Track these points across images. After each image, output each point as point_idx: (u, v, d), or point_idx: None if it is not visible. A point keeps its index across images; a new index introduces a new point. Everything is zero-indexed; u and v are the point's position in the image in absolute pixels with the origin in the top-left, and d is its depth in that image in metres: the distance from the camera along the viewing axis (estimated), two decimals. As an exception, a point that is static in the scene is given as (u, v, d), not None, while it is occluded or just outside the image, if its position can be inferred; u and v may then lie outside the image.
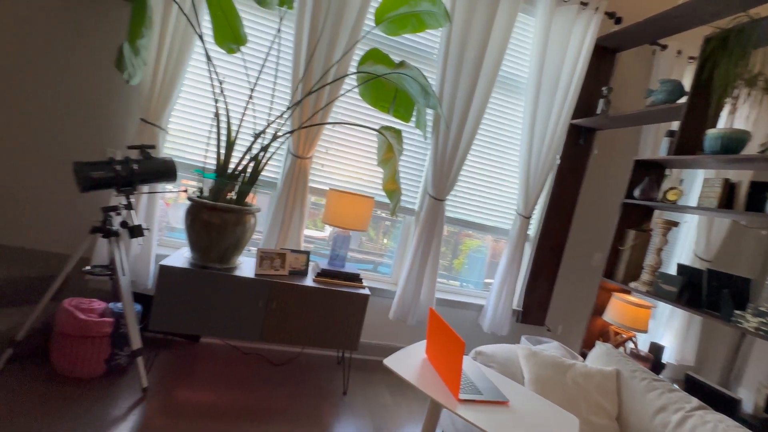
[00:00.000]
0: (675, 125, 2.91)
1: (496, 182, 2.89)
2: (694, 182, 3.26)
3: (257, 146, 2.43)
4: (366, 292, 2.20)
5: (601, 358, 1.92)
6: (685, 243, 3.29)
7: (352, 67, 2.45)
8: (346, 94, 2.52)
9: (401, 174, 2.70)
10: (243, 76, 2.38)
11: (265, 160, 2.14)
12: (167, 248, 2.44)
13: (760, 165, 1.81)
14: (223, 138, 2.39)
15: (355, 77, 2.47)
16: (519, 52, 2.78)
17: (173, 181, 1.98)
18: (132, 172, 1.81)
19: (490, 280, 3.12)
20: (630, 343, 2.54)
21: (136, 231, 1.86)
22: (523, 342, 2.71)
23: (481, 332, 2.96)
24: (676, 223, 2.17)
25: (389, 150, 2.31)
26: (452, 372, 1.27)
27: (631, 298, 2.38)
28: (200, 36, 2.01)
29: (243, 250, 2.13)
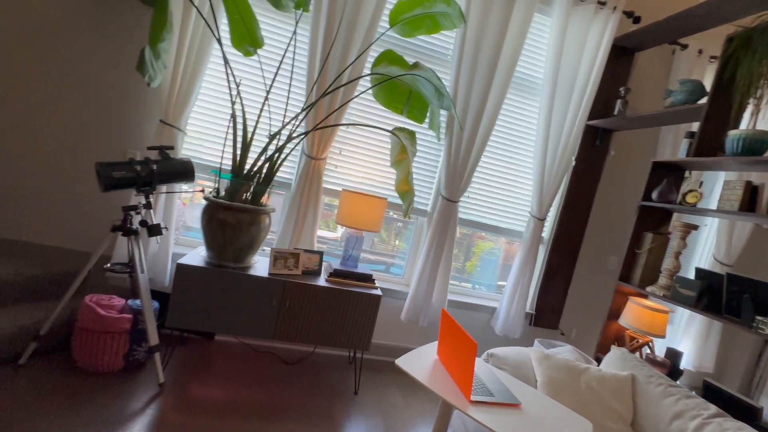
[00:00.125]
0: (695, 126, 2.85)
1: (509, 184, 2.87)
2: (714, 185, 3.18)
3: (272, 147, 2.47)
4: (378, 292, 2.21)
5: (616, 363, 1.89)
6: (705, 247, 3.22)
7: (366, 69, 2.46)
8: (360, 96, 2.54)
9: (414, 175, 2.71)
10: (259, 78, 2.42)
11: (279, 161, 2.17)
12: (184, 247, 2.50)
13: (784, 167, 1.76)
14: (239, 139, 2.43)
15: (369, 79, 2.49)
16: (534, 53, 2.76)
17: (191, 182, 2.02)
18: (151, 173, 1.86)
19: (503, 282, 3.09)
20: (646, 348, 2.49)
21: (154, 230, 1.91)
22: (536, 345, 2.68)
23: (493, 335, 2.94)
24: (696, 227, 2.12)
25: (402, 151, 2.32)
26: (464, 373, 1.27)
27: (647, 302, 2.34)
28: (218, 39, 2.05)
29: (257, 249, 2.17)
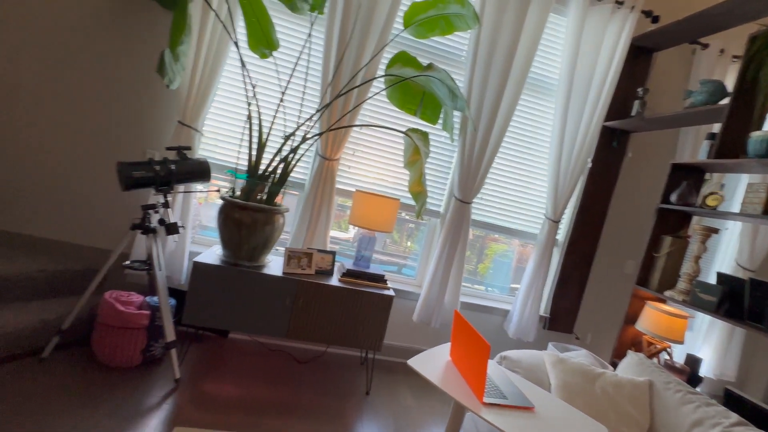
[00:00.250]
0: (716, 128, 2.78)
1: (523, 185, 2.85)
2: (736, 187, 3.10)
3: (287, 148, 2.50)
4: (390, 293, 2.21)
5: (633, 368, 1.86)
6: (727, 251, 3.13)
7: (380, 70, 2.47)
8: (374, 97, 2.55)
9: (427, 176, 2.71)
10: (274, 80, 2.45)
11: (294, 162, 2.20)
12: (200, 246, 2.54)
13: (811, 169, 1.71)
14: (255, 140, 2.47)
15: (382, 80, 2.50)
16: (550, 53, 2.73)
17: (207, 181, 2.06)
18: (170, 172, 1.90)
19: (516, 285, 3.06)
20: (664, 354, 2.43)
21: (172, 228, 1.95)
22: (550, 349, 2.65)
23: (506, 338, 2.91)
24: (716, 230, 2.07)
25: (416, 152, 2.32)
26: (477, 375, 1.26)
27: (666, 307, 2.29)
28: (235, 42, 2.09)
29: (272, 248, 2.19)
